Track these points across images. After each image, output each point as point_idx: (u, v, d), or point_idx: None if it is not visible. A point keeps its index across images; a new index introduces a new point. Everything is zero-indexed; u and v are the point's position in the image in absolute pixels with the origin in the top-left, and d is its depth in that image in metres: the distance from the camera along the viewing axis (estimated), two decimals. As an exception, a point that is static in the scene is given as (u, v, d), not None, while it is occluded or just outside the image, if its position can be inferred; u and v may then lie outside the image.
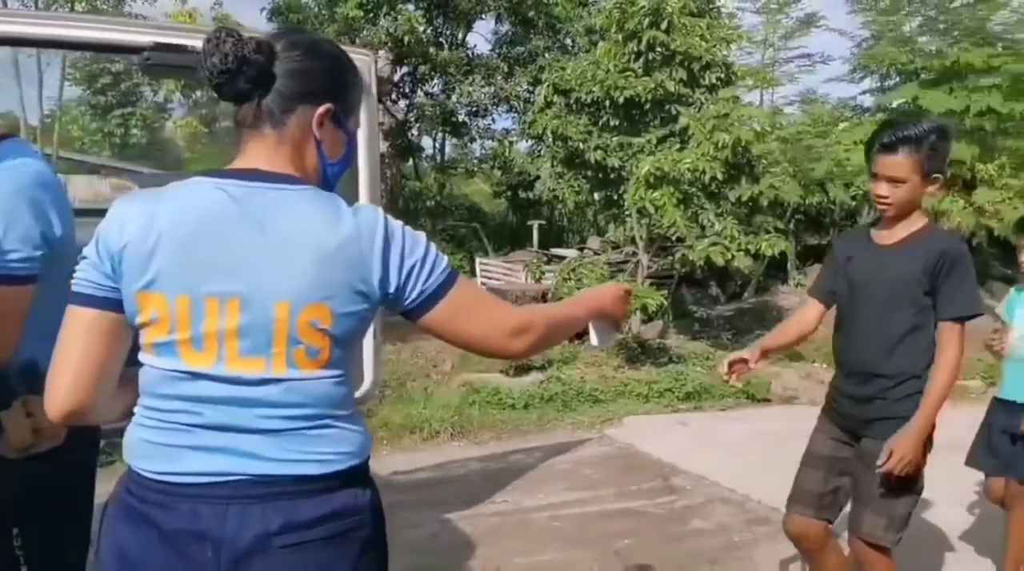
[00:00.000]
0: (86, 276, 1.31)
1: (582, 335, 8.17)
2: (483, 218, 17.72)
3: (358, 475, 1.37)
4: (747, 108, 9.14)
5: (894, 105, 12.61)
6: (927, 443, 2.44)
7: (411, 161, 15.32)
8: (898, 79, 13.28)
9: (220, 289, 1.26)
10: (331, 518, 1.30)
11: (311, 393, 1.31)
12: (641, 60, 8.66)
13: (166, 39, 2.74)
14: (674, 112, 8.70)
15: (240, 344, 1.27)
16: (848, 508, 2.62)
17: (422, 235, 1.39)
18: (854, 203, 11.83)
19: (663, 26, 8.49)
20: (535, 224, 14.59)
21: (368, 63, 3.26)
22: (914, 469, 2.40)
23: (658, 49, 8.56)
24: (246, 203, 1.29)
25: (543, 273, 9.89)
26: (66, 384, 1.30)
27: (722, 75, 8.83)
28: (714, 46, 8.78)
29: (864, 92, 28.06)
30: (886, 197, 2.41)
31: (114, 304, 1.30)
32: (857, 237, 2.64)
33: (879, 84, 14.26)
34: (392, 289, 1.33)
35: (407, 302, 1.35)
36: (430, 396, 6.64)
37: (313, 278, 1.27)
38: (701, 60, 8.59)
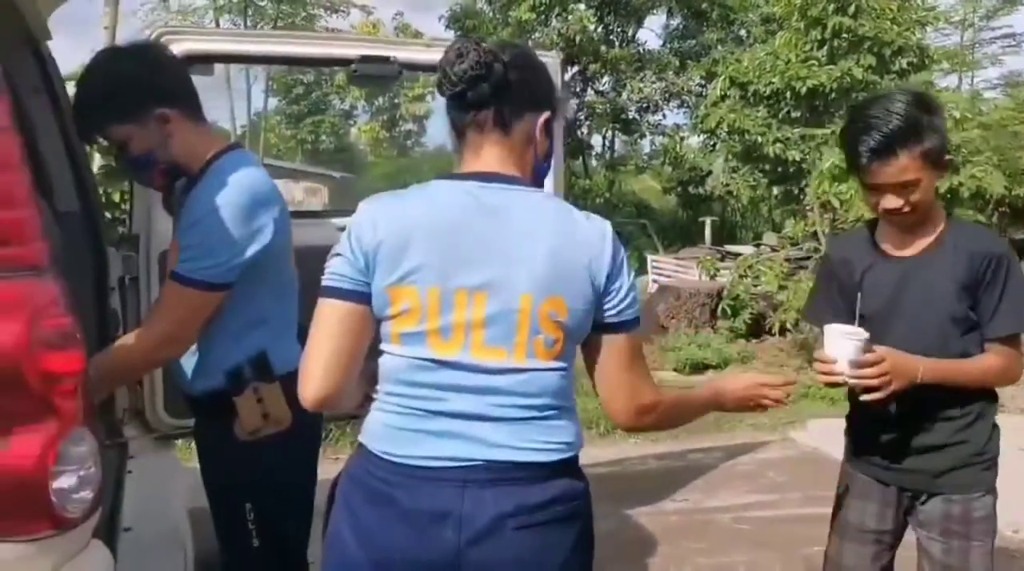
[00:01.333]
0: (339, 271, 1.38)
1: (758, 333, 7.96)
2: (652, 215, 17.54)
3: (575, 464, 1.45)
4: (944, 93, 8.56)
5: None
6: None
7: (581, 159, 15.40)
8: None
9: (469, 282, 1.35)
10: (555, 503, 1.38)
11: (545, 383, 1.39)
12: (825, 48, 8.31)
13: (372, 51, 2.93)
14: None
15: (486, 334, 1.35)
16: None
17: (632, 270, 1.47)
18: (1067, 194, 10.76)
19: (850, 11, 8.10)
20: (707, 220, 14.29)
21: (555, 64, 3.34)
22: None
23: (844, 35, 8.18)
24: (488, 202, 1.39)
25: (717, 270, 9.67)
26: (319, 373, 1.38)
27: (915, 59, 8.31)
28: (907, 29, 8.29)
29: (1077, 72, 25.40)
30: (900, 207, 1.87)
31: (364, 298, 1.38)
32: (859, 247, 2.05)
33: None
34: (606, 295, 1.41)
35: (605, 314, 1.42)
36: (605, 393, 6.66)
37: (553, 271, 1.36)
38: (892, 45, 8.13)
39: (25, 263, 1.33)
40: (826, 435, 5.81)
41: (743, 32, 14.88)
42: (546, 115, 1.46)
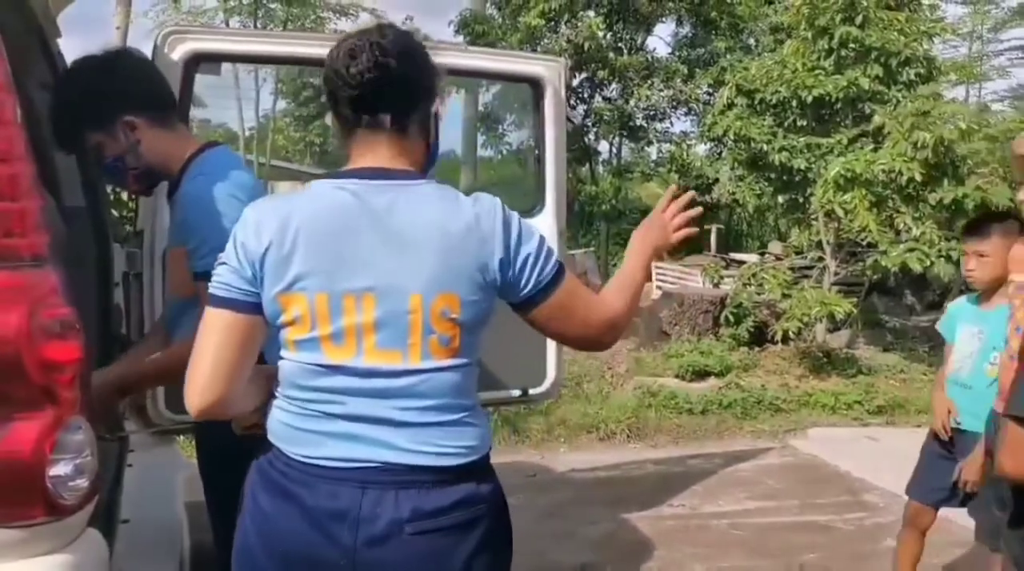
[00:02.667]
0: (226, 281, 1.36)
1: (761, 341, 7.96)
2: (658, 222, 17.50)
3: (480, 468, 1.42)
4: (950, 105, 8.54)
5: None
6: None
7: (587, 165, 15.40)
8: None
9: (356, 285, 1.33)
10: (455, 508, 1.36)
11: (443, 382, 1.37)
12: (832, 57, 8.28)
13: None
14: (868, 111, 8.26)
15: (377, 337, 1.34)
16: None
17: (535, 227, 1.44)
18: (1073, 207, 10.73)
19: (857, 21, 8.09)
20: (713, 228, 14.28)
21: (559, 69, 3.36)
22: None
23: (851, 45, 8.16)
24: (373, 202, 1.35)
25: (721, 278, 9.66)
26: (204, 382, 1.35)
27: (923, 70, 8.29)
28: (914, 40, 8.26)
29: (1087, 85, 25.33)
30: None
31: (252, 307, 1.36)
32: None
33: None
34: (510, 274, 1.39)
35: (521, 291, 1.41)
36: (606, 397, 6.67)
37: (441, 268, 1.34)
38: (899, 55, 8.10)
39: (26, 253, 1.35)
40: (825, 443, 5.82)
41: (751, 41, 14.86)
42: (437, 103, 1.44)
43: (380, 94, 1.36)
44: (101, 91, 1.90)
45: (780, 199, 9.15)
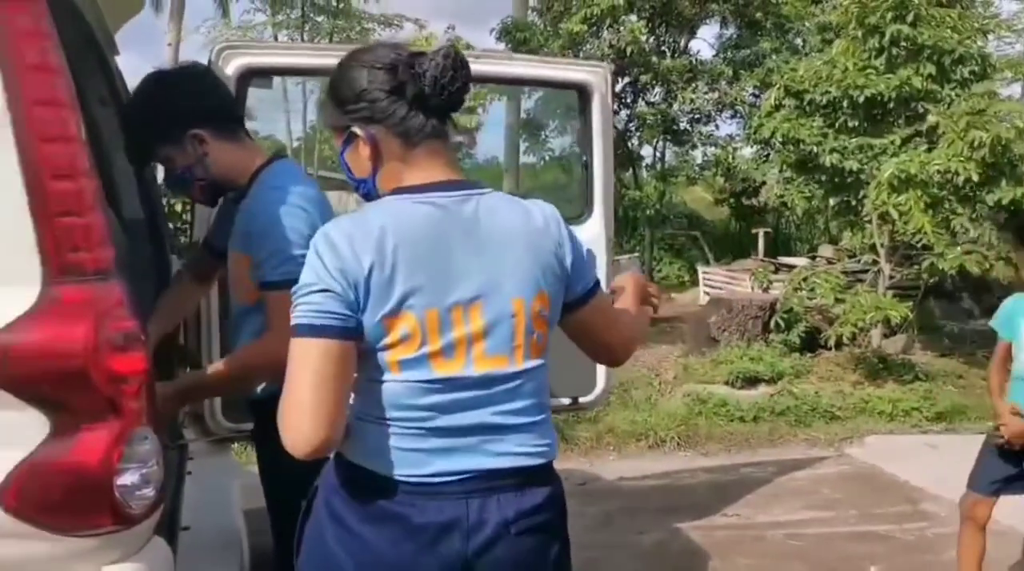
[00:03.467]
0: (325, 308, 1.28)
1: (813, 347, 7.83)
2: (703, 226, 17.34)
3: (553, 467, 1.48)
4: (1006, 103, 8.30)
5: None
6: None
7: (631, 170, 15.31)
8: None
9: (462, 296, 1.34)
10: (545, 506, 1.42)
11: (539, 381, 1.43)
12: (883, 56, 8.12)
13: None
14: (921, 110, 8.08)
15: (486, 344, 1.36)
16: None
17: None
18: None
19: (908, 19, 7.92)
20: (760, 232, 14.08)
21: (605, 75, 3.34)
22: None
23: (903, 44, 7.99)
24: (456, 212, 1.36)
25: (771, 282, 9.52)
26: (310, 424, 1.27)
27: (977, 68, 8.08)
28: (967, 37, 8.06)
29: None
30: None
31: (351, 333, 1.30)
32: None
33: None
34: (571, 274, 1.44)
35: (574, 292, 1.46)
36: (654, 404, 6.61)
37: (534, 269, 1.38)
38: (953, 53, 7.91)
39: (91, 268, 1.38)
40: (884, 452, 5.69)
41: (799, 41, 14.64)
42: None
43: (457, 100, 1.40)
44: (171, 105, 1.98)
45: (831, 202, 8.99)
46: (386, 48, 1.43)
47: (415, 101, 1.37)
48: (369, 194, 1.44)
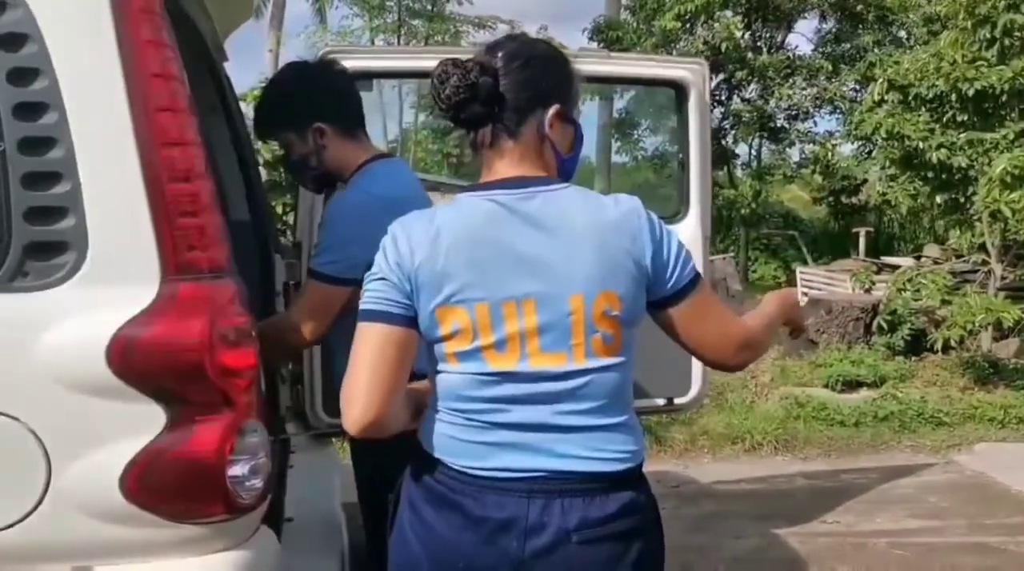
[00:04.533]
0: (385, 295, 1.36)
1: (918, 351, 7.51)
2: (800, 226, 16.86)
3: (638, 475, 1.43)
4: None
5: None
6: None
7: (725, 169, 15.01)
8: None
9: (515, 292, 1.34)
10: (617, 516, 1.37)
11: (608, 382, 1.38)
12: (995, 48, 7.73)
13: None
14: (1035, 103, 7.67)
15: (541, 341, 1.35)
16: None
17: (675, 231, 1.45)
18: None
19: (1022, 7, 7.52)
20: (861, 231, 13.60)
21: (702, 72, 3.29)
22: None
23: (1016, 34, 7.60)
24: (518, 208, 1.37)
25: (873, 283, 9.18)
26: (367, 398, 1.34)
27: (1100, 56, 7.61)
28: (1088, 25, 7.60)
29: None
30: None
31: (409, 321, 1.37)
32: None
33: None
34: (657, 271, 1.39)
35: (662, 289, 1.41)
36: (750, 407, 6.47)
37: (599, 267, 1.35)
38: (1073, 41, 7.49)
39: (206, 266, 1.44)
40: (994, 460, 5.41)
41: (902, 33, 14.10)
42: (555, 108, 1.42)
43: (474, 112, 1.39)
44: (302, 95, 2.09)
45: (938, 199, 8.61)
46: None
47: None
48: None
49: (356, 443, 2.17)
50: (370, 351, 1.36)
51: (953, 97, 7.89)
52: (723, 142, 14.52)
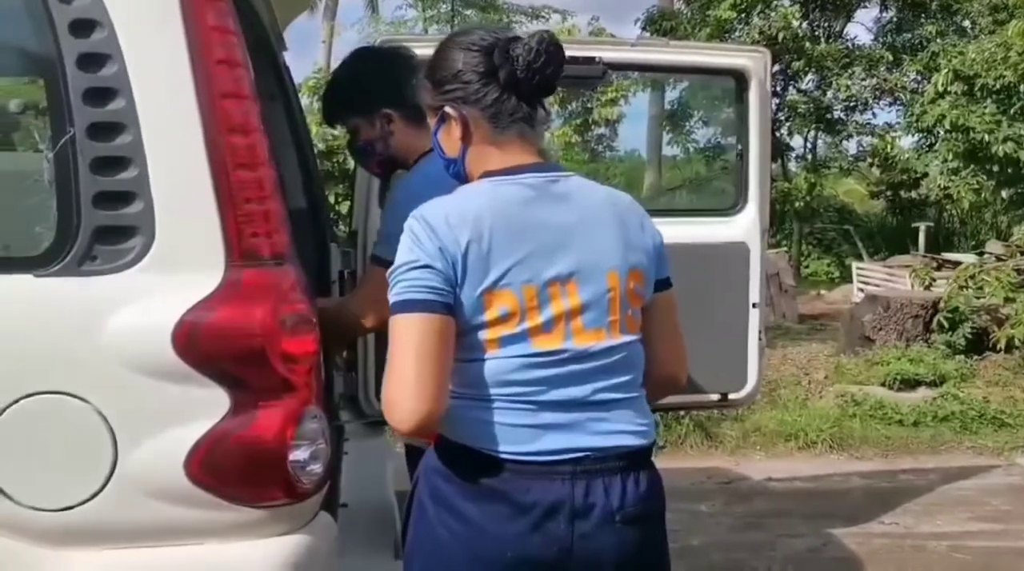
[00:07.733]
0: (429, 284, 1.31)
1: (979, 350, 7.30)
2: (856, 220, 16.51)
3: (651, 451, 1.47)
4: None
5: None
6: None
7: (779, 161, 14.74)
8: None
9: (559, 272, 1.36)
10: (649, 496, 1.41)
11: (636, 356, 1.44)
12: (1067, 36, 7.48)
13: (577, 52, 2.94)
14: (1111, 94, 7.39)
15: (584, 318, 1.38)
16: None
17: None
18: None
19: (1098, -6, 7.26)
20: (921, 226, 13.27)
21: (764, 60, 3.22)
22: None
23: (1091, 21, 7.34)
24: (550, 191, 1.40)
25: (933, 280, 8.95)
26: (417, 397, 1.29)
27: None
28: None
29: None
30: None
31: (450, 309, 1.32)
32: None
33: None
34: (657, 257, 1.48)
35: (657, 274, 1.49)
36: (804, 404, 6.35)
37: (627, 246, 1.42)
38: None
39: (268, 253, 1.45)
40: (1062, 464, 5.24)
41: (966, 23, 13.69)
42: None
43: (550, 83, 1.42)
44: (373, 81, 2.11)
45: (1003, 194, 8.38)
46: (484, 32, 1.44)
47: (507, 85, 1.39)
48: (459, 175, 1.49)
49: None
50: (415, 344, 1.30)
51: (1022, 88, 7.65)
52: (777, 134, 14.26)
